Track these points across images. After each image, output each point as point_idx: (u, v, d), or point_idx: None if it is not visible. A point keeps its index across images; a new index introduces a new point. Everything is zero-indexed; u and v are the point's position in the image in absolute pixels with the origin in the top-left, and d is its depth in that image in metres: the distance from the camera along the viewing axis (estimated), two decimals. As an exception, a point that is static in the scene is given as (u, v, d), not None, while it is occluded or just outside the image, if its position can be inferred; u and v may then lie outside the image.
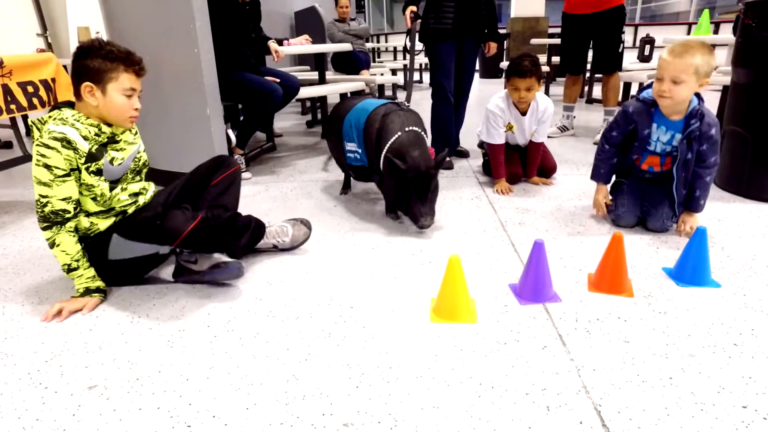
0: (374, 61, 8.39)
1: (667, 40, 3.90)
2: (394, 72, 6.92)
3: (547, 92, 6.42)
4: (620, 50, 3.47)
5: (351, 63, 5.14)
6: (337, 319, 1.45)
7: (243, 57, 3.05)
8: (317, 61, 4.00)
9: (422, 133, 2.06)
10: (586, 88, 5.90)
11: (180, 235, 1.49)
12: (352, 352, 1.29)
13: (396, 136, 2.00)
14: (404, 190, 1.94)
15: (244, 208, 2.05)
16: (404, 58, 8.93)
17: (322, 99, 4.18)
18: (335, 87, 3.66)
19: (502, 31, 8.87)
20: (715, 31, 8.12)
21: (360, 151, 2.18)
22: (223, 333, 1.40)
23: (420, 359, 1.25)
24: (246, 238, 1.81)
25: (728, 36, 3.76)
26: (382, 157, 2.01)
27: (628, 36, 8.41)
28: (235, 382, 1.19)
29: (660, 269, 1.70)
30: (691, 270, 1.58)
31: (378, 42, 9.99)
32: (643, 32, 7.89)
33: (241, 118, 3.36)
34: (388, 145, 1.99)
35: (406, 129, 2.01)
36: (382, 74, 5.04)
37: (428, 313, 1.45)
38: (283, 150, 3.84)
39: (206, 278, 1.64)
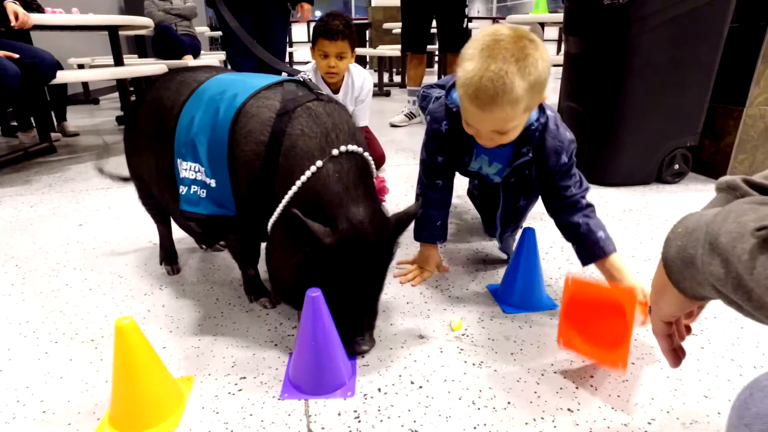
0: (218, 50, 7.51)
1: (511, 20, 3.69)
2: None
3: (403, 81, 6.12)
4: (464, 26, 3.17)
5: (173, 47, 4.32)
6: None
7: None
8: (111, 39, 3.17)
9: (365, 154, 0.98)
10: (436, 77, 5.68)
11: None
12: None
13: (315, 167, 0.91)
14: (324, 278, 0.90)
15: None
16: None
17: (123, 88, 3.35)
18: (126, 70, 2.88)
19: (364, 21, 8.53)
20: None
21: (212, 183, 0.99)
22: None
23: None
24: None
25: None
26: (278, 210, 0.95)
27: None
28: None
29: (485, 287, 1.27)
30: (520, 290, 1.16)
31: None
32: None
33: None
34: (296, 186, 0.92)
35: (335, 152, 0.93)
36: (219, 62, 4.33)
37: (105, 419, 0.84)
38: (67, 152, 2.97)
39: None
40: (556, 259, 1.42)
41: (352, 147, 0.94)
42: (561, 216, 1.16)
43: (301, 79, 1.06)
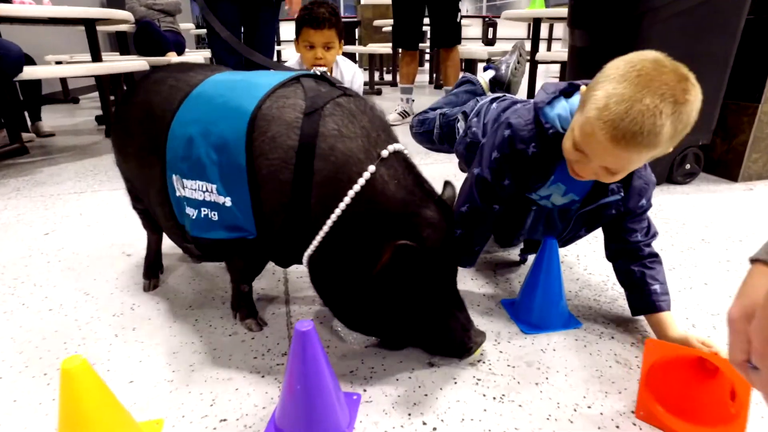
0: (205, 48, 7.31)
1: (506, 15, 3.57)
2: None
3: (394, 79, 6.00)
4: (458, 20, 3.04)
5: (155, 43, 4.13)
6: None
7: None
8: (88, 33, 3.00)
9: (406, 150, 0.88)
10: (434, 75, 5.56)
11: None
12: None
13: (368, 174, 0.80)
14: (413, 292, 0.82)
15: None
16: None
17: (102, 86, 3.17)
18: (102, 66, 2.70)
19: (353, 20, 8.39)
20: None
21: (227, 202, 0.84)
22: None
23: None
24: None
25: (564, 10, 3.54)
26: (325, 229, 0.81)
27: (475, 28, 8.39)
28: None
29: (498, 303, 1.13)
30: (540, 306, 1.03)
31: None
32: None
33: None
34: (349, 197, 0.79)
35: (385, 153, 0.82)
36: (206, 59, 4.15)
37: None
38: (41, 154, 2.79)
39: None
40: (573, 268, 1.29)
41: (398, 146, 0.85)
42: (618, 260, 1.05)
43: (318, 73, 0.92)
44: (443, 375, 0.89)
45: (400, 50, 3.46)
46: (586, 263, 1.32)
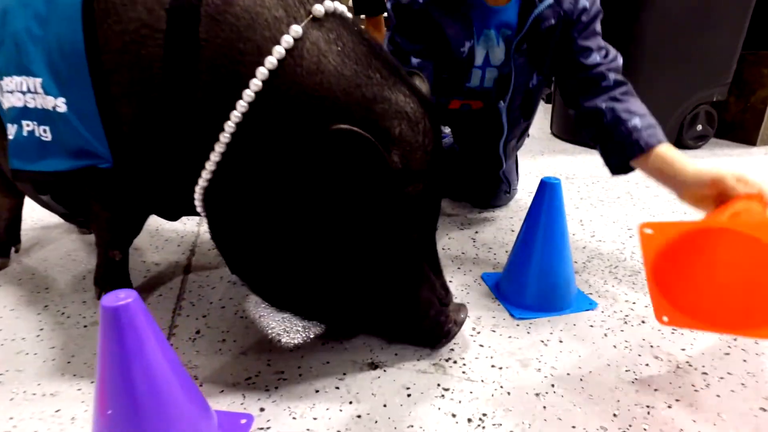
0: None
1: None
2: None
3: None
4: None
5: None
6: None
7: None
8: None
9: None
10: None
11: None
12: None
13: (290, 38, 0.48)
14: (377, 233, 0.52)
15: None
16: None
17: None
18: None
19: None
20: None
21: (61, 105, 0.53)
22: None
23: None
24: None
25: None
26: (226, 138, 0.49)
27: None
28: None
29: (478, 278, 0.82)
30: (537, 281, 0.71)
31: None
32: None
33: None
34: (259, 81, 0.48)
35: (319, 9, 0.50)
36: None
37: None
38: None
39: None
40: (577, 235, 0.99)
41: (341, 7, 0.53)
42: (578, 100, 0.80)
43: None
44: (390, 383, 0.57)
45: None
46: (593, 228, 1.02)
